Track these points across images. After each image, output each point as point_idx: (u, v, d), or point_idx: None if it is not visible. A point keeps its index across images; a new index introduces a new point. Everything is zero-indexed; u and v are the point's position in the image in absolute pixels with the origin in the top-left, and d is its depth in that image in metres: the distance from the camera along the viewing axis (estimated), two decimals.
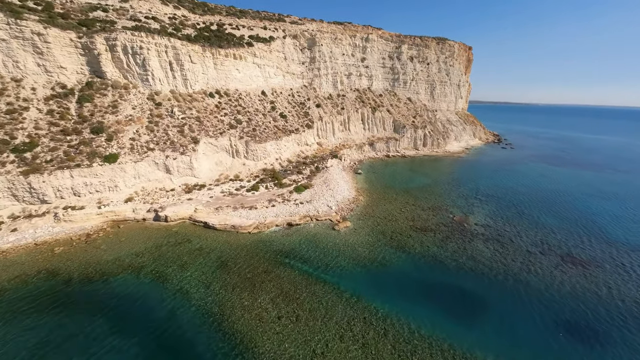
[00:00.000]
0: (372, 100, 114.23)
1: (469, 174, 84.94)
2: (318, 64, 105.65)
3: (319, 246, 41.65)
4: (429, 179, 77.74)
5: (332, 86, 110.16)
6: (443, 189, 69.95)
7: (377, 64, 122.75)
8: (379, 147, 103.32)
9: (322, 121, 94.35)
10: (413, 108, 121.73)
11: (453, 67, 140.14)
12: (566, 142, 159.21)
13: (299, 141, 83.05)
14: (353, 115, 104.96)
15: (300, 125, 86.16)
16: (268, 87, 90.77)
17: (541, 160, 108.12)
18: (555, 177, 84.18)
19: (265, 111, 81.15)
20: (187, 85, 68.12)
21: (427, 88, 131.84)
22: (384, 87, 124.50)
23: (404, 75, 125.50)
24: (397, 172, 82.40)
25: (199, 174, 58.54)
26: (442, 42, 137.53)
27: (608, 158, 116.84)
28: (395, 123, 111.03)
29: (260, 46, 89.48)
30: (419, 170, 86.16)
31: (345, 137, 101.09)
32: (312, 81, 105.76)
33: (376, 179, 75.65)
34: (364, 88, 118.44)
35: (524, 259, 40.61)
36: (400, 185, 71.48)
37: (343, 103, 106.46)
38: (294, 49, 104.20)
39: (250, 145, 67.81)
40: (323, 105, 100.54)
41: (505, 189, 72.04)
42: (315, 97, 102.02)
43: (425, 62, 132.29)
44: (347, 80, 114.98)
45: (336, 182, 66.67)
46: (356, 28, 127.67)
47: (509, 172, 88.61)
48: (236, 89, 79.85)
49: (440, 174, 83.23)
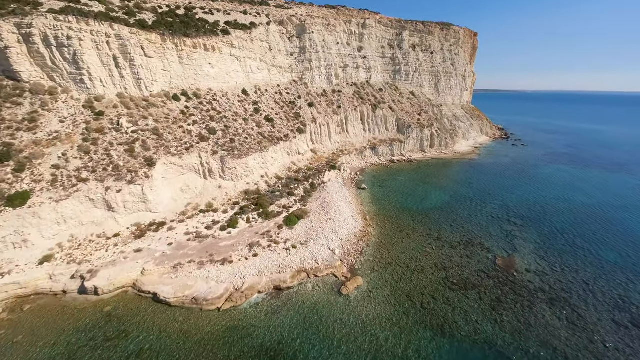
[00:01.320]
0: (371, 96, 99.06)
1: (489, 183, 71.80)
2: (309, 55, 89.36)
3: (321, 333, 27.87)
4: (446, 193, 64.29)
5: (326, 80, 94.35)
6: (467, 209, 56.64)
7: (375, 53, 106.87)
8: (382, 151, 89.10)
9: (316, 123, 79.22)
10: (417, 104, 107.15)
11: (458, 56, 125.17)
12: (573, 136, 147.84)
13: (289, 150, 68.06)
14: (351, 114, 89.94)
15: (291, 130, 70.96)
16: (250, 84, 74.68)
17: (560, 160, 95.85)
18: (586, 186, 71.78)
19: (247, 115, 65.53)
20: (142, 86, 51.90)
21: (432, 80, 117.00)
22: (384, 80, 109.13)
23: (406, 67, 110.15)
24: (406, 185, 68.62)
25: (157, 208, 43.50)
26: (447, 28, 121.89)
27: (626, 155, 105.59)
28: (398, 122, 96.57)
29: (239, 34, 72.78)
30: (431, 180, 72.54)
31: (344, 141, 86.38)
32: (302, 75, 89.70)
33: (384, 195, 61.78)
34: (362, 82, 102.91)
35: (615, 338, 27.80)
36: (415, 204, 57.88)
37: (339, 100, 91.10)
38: (281, 37, 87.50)
39: (227, 161, 52.69)
40: (316, 103, 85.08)
41: (539, 206, 59.17)
42: (307, 94, 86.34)
43: (429, 51, 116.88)
44: (342, 74, 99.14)
45: (337, 205, 52.57)
46: (351, 12, 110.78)
47: (532, 179, 75.86)
48: (209, 89, 63.73)
49: (456, 185, 69.83)
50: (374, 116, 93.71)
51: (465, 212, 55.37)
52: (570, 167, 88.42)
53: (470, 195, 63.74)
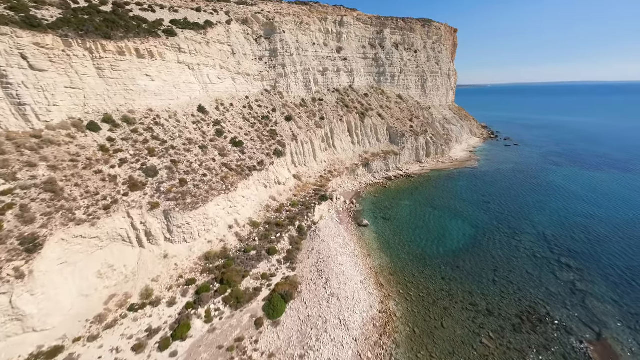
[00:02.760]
0: (357, 102, 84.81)
1: (506, 200, 59.78)
2: (281, 59, 73.24)
3: None
4: (465, 222, 51.02)
5: (304, 88, 78.72)
6: (500, 247, 43.44)
7: (356, 54, 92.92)
8: (377, 167, 74.96)
9: (296, 141, 63.28)
10: (407, 108, 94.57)
11: (442, 54, 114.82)
12: (560, 131, 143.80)
13: (266, 181, 51.57)
14: (337, 126, 74.98)
15: (267, 154, 54.48)
16: (209, 98, 57.26)
17: (563, 162, 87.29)
18: (612, 193, 62.06)
19: (207, 140, 48.23)
20: (28, 115, 33.22)
21: (418, 81, 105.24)
22: (369, 83, 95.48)
23: (390, 68, 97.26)
24: (415, 214, 54.57)
25: (46, 322, 25.54)
26: (428, 25, 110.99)
27: (619, 151, 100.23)
28: (390, 131, 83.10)
29: (190, 35, 55.19)
30: (441, 203, 59.18)
31: (331, 159, 71.12)
32: (276, 83, 73.39)
33: (393, 234, 47.20)
34: (345, 87, 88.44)
35: None
36: (435, 246, 43.80)
37: (322, 111, 75.82)
38: (246, 39, 70.68)
39: (175, 216, 35.40)
40: (295, 116, 69.16)
41: (579, 230, 47.46)
42: (283, 105, 70.15)
43: (412, 50, 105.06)
44: (322, 79, 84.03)
45: (338, 264, 37.15)
46: (326, 9, 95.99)
47: (549, 190, 65.10)
48: (149, 109, 45.72)
49: (471, 208, 56.96)
50: (363, 126, 79.48)
51: (501, 253, 42.06)
52: (578, 169, 79.54)
53: (493, 222, 50.85)
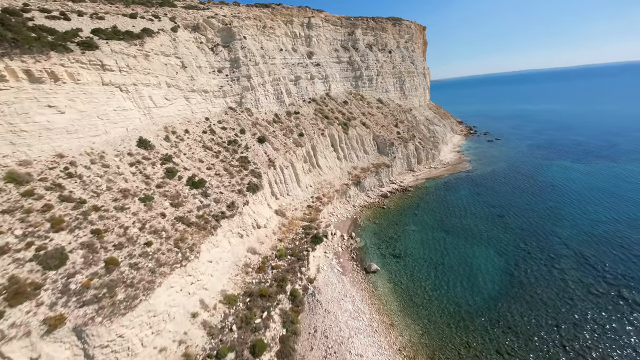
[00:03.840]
0: (337, 112, 74.48)
1: (519, 211, 52.18)
2: (246, 69, 60.92)
3: None
4: (490, 249, 42.02)
5: (276, 101, 66.87)
6: (547, 286, 34.52)
7: (329, 59, 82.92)
8: (369, 184, 64.79)
9: (274, 167, 51.10)
10: (389, 112, 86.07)
11: (415, 53, 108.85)
12: (531, 120, 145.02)
13: (241, 229, 38.74)
14: (319, 141, 63.88)
15: (238, 191, 41.71)
16: (155, 126, 43.41)
17: (552, 155, 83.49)
18: (620, 190, 57.09)
19: (151, 187, 34.53)
20: None
21: (396, 83, 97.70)
22: (346, 89, 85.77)
23: (367, 71, 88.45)
24: (428, 243, 44.58)
25: None
26: (399, 23, 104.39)
27: (596, 139, 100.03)
28: (377, 140, 73.63)
29: (120, 48, 41.19)
30: (451, 223, 50.02)
31: (317, 181, 59.67)
32: (242, 98, 60.81)
33: (412, 281, 36.66)
34: (322, 95, 77.83)
35: None
36: (470, 295, 33.86)
37: (299, 125, 64.37)
38: (199, 48, 57.49)
39: (94, 333, 21.66)
40: (269, 136, 57.03)
41: (619, 247, 40.27)
42: (253, 124, 57.69)
43: (387, 50, 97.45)
44: (295, 89, 72.74)
45: (355, 352, 25.69)
46: (290, 11, 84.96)
47: (555, 193, 58.99)
48: (57, 155, 31.17)
49: (487, 226, 48.40)
50: (347, 138, 69.12)
51: (549, 293, 33.02)
52: (569, 163, 75.37)
53: (519, 244, 42.29)
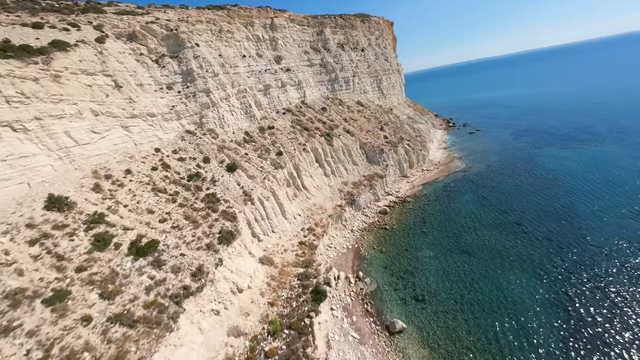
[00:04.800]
0: (317, 121, 65.18)
1: (534, 215, 46.20)
2: (203, 82, 49.62)
3: None
4: (525, 274, 34.77)
5: (245, 116, 56.10)
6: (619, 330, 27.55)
7: (300, 62, 73.46)
8: (365, 200, 56.07)
9: (252, 202, 40.40)
10: (372, 115, 78.43)
11: (387, 50, 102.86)
12: (502, 107, 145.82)
13: (217, 302, 27.80)
14: (301, 159, 54.05)
15: (206, 248, 30.58)
16: (78, 174, 31.03)
17: (538, 142, 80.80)
18: (623, 183, 53.55)
19: (67, 276, 22.59)
20: None
21: (373, 82, 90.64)
22: (322, 94, 76.79)
23: (342, 72, 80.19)
24: (450, 273, 36.53)
25: None
26: (367, 20, 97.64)
27: (568, 122, 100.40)
28: (365, 148, 65.32)
29: (10, 69, 28.50)
30: (468, 240, 42.61)
31: (306, 207, 49.67)
32: (202, 118, 49.34)
33: (450, 339, 27.90)
34: (297, 104, 68.12)
35: None
36: (527, 351, 25.97)
37: (276, 142, 54.13)
38: (139, 61, 45.27)
39: None
40: (241, 161, 46.18)
41: None
42: (219, 148, 46.46)
43: (359, 49, 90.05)
44: (265, 99, 62.37)
45: None
46: (249, 12, 74.29)
47: (559, 186, 54.33)
48: None
49: (507, 238, 41.62)
50: (333, 150, 59.99)
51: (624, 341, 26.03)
52: (557, 150, 72.39)
53: (556, 262, 35.50)
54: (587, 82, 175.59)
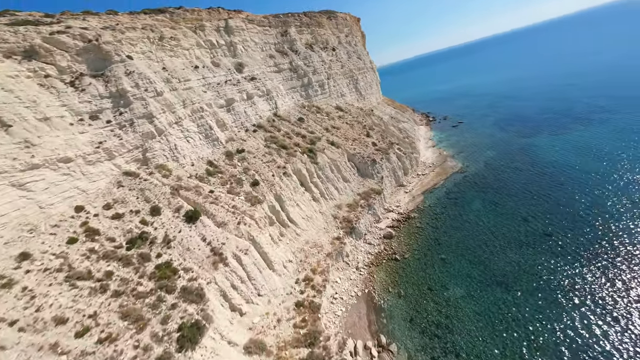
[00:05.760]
0: (295, 135, 55.42)
1: (561, 221, 40.25)
2: (141, 105, 37.93)
3: None
4: (609, 317, 27.86)
5: (206, 140, 44.88)
6: None
7: (266, 68, 63.27)
8: (365, 225, 47.13)
9: (225, 262, 29.63)
10: (354, 120, 70.19)
11: (358, 47, 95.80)
12: (477, 96, 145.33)
13: None
14: (282, 185, 43.93)
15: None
16: None
17: (525, 129, 77.87)
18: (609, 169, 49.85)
19: None
20: None
21: (349, 83, 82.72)
22: (297, 102, 67.13)
23: (315, 75, 71.17)
24: (495, 321, 28.60)
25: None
26: (334, 16, 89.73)
27: (547, 108, 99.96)
28: (354, 160, 56.65)
29: None
30: (502, 267, 35.25)
31: (298, 248, 39.61)
32: (145, 152, 37.53)
33: None
34: (269, 117, 57.88)
35: None
36: None
37: (249, 169, 43.55)
38: (43, 86, 32.63)
39: None
40: (205, 202, 35.16)
41: None
42: (173, 189, 34.99)
43: (330, 48, 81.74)
44: (230, 117, 51.53)
45: None
46: (198, 14, 62.65)
47: (570, 180, 49.50)
48: None
49: (545, 258, 34.86)
50: (318, 169, 50.51)
51: None
52: (552, 139, 68.86)
53: (631, 296, 29.17)
54: (547, 64, 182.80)
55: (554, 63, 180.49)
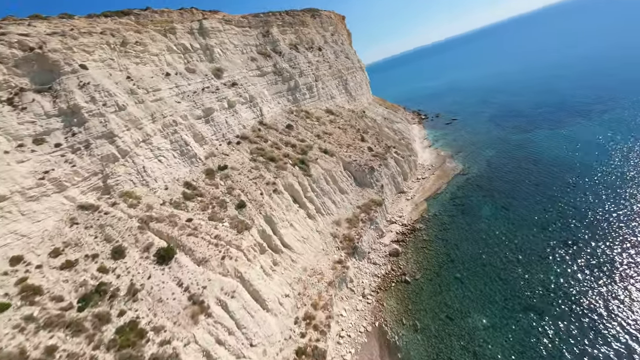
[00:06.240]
0: (284, 145, 50.31)
1: (606, 239, 36.99)
2: (100, 123, 31.99)
3: None
4: None
5: (181, 158, 39.18)
6: None
7: (248, 72, 57.94)
8: (368, 242, 42.51)
9: (207, 313, 24.33)
10: (347, 124, 65.73)
11: (345, 46, 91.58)
12: (464, 91, 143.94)
13: None
14: (273, 205, 38.76)
15: None
16: None
17: (529, 126, 74.83)
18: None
19: None
20: None
21: (339, 85, 78.27)
22: (284, 108, 62.01)
23: (301, 78, 66.29)
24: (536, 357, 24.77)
25: None
26: (318, 15, 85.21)
27: (534, 102, 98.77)
28: (350, 168, 52.03)
29: None
30: (530, 286, 31.24)
31: (296, 280, 34.52)
32: (105, 179, 31.54)
33: None
34: (254, 126, 52.53)
35: None
36: None
37: (233, 188, 38.16)
38: None
39: None
40: (181, 236, 29.56)
41: None
42: (141, 222, 29.20)
43: (316, 48, 77.07)
44: (209, 129, 45.92)
45: None
46: (168, 16, 56.57)
47: (586, 182, 46.59)
48: None
49: (589, 287, 31.29)
50: (312, 182, 45.55)
51: None
52: (552, 132, 66.63)
53: None
54: (528, 58, 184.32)
55: (534, 56, 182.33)
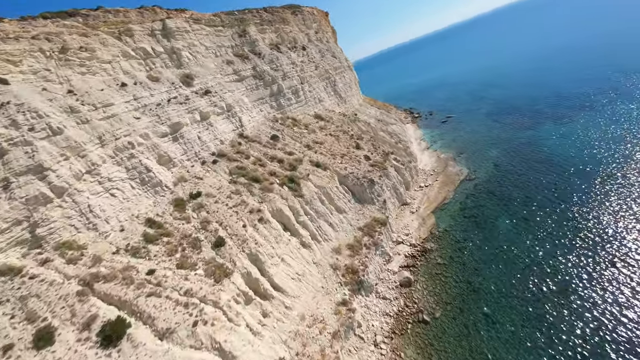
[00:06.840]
0: (269, 161, 43.61)
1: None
2: (24, 155, 24.37)
3: None
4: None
5: (142, 189, 31.90)
6: None
7: (223, 77, 50.87)
8: (375, 272, 36.42)
9: None
10: (339, 129, 59.62)
11: (330, 44, 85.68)
12: (453, 86, 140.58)
13: None
14: (259, 239, 32.11)
15: None
16: None
17: (530, 121, 71.16)
18: None
19: None
20: None
21: (327, 86, 72.14)
22: (267, 116, 55.23)
23: (285, 81, 59.72)
24: None
25: None
26: (299, 11, 78.80)
27: (527, 94, 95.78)
28: (346, 182, 45.86)
29: None
30: (577, 330, 25.98)
31: (292, 334, 28.09)
32: (33, 229, 24.03)
33: None
34: (233, 140, 45.53)
35: None
36: None
37: (209, 221, 31.22)
38: None
39: None
40: (138, 298, 22.52)
41: None
42: (83, 285, 22.00)
43: (299, 47, 70.63)
44: (177, 148, 38.67)
45: None
46: (124, 16, 48.69)
47: (605, 182, 42.23)
48: None
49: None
50: (305, 203, 39.08)
51: None
52: (558, 128, 62.78)
53: None
54: (509, 51, 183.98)
55: (512, 50, 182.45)
